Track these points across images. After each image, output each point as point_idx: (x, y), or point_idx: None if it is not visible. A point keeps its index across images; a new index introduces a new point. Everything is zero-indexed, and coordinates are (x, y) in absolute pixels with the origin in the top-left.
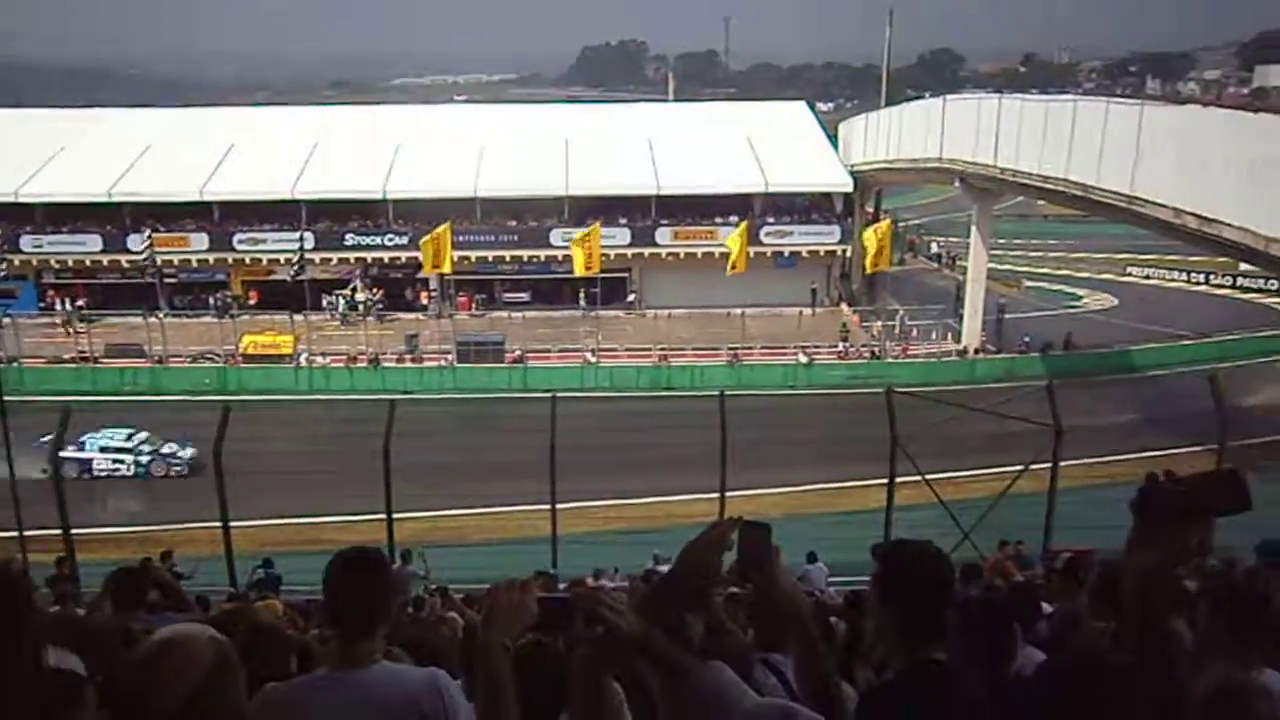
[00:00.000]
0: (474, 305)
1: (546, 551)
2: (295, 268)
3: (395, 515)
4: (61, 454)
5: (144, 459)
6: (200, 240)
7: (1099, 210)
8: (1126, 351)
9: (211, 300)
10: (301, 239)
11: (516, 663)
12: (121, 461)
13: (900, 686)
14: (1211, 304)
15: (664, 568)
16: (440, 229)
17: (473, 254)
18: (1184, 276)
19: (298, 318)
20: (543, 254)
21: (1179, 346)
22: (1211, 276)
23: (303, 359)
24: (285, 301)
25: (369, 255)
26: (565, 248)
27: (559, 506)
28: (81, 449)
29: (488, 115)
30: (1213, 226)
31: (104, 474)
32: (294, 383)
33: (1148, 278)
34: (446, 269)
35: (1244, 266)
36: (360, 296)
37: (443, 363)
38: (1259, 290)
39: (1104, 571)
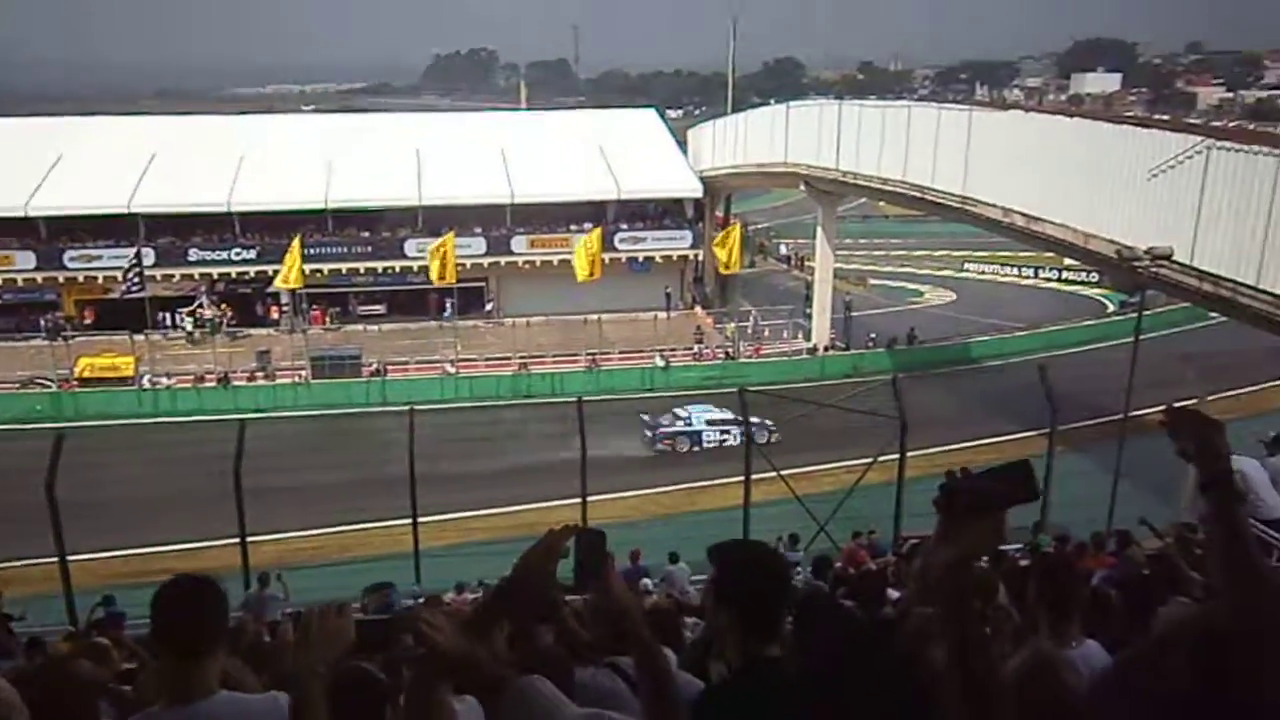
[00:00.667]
0: (328, 319)
1: (409, 567)
2: (126, 285)
3: (251, 538)
4: None
5: None
6: (26, 259)
7: (936, 210)
8: (965, 344)
9: (42, 322)
10: (138, 255)
11: (333, 687)
12: None
13: (733, 686)
14: (1041, 297)
15: None
16: (292, 244)
17: (325, 266)
18: (1016, 271)
19: (139, 337)
20: (398, 265)
21: (1012, 338)
22: (1040, 271)
23: (145, 380)
24: (125, 321)
25: (215, 270)
26: (421, 258)
27: (421, 520)
28: None
29: (336, 124)
30: (1037, 224)
31: None
32: (137, 406)
33: (983, 273)
34: (297, 283)
35: (1068, 261)
36: (208, 313)
37: (297, 379)
38: (1082, 283)
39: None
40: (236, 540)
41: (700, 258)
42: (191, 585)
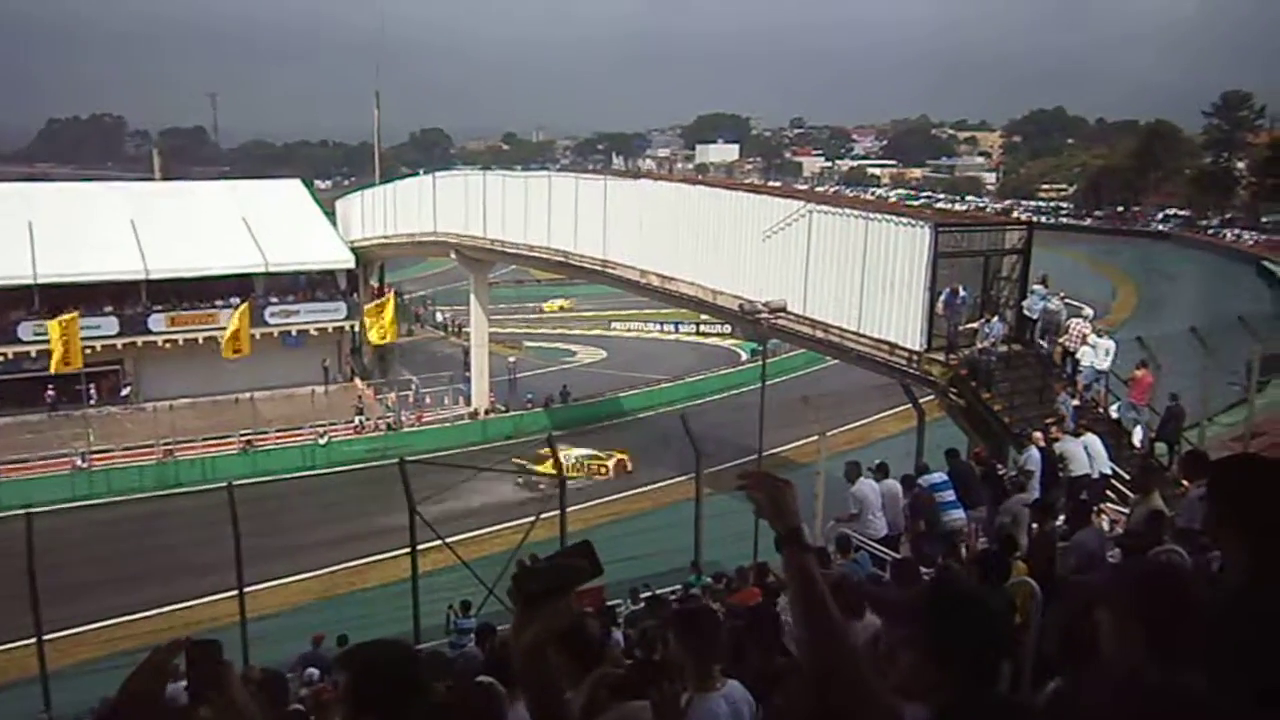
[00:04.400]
0: None
1: (36, 692)
2: None
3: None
4: None
5: None
6: None
7: (580, 274)
8: (616, 398)
9: None
10: None
11: None
12: None
13: None
14: (682, 350)
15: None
16: None
17: None
18: (658, 327)
19: None
20: (10, 351)
21: (659, 389)
22: (680, 326)
23: None
24: None
25: None
26: (39, 342)
27: (49, 637)
28: None
29: None
30: (671, 284)
31: None
32: None
33: (629, 331)
34: None
35: (703, 315)
36: None
37: None
38: (718, 335)
39: None
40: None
41: (356, 329)
42: None
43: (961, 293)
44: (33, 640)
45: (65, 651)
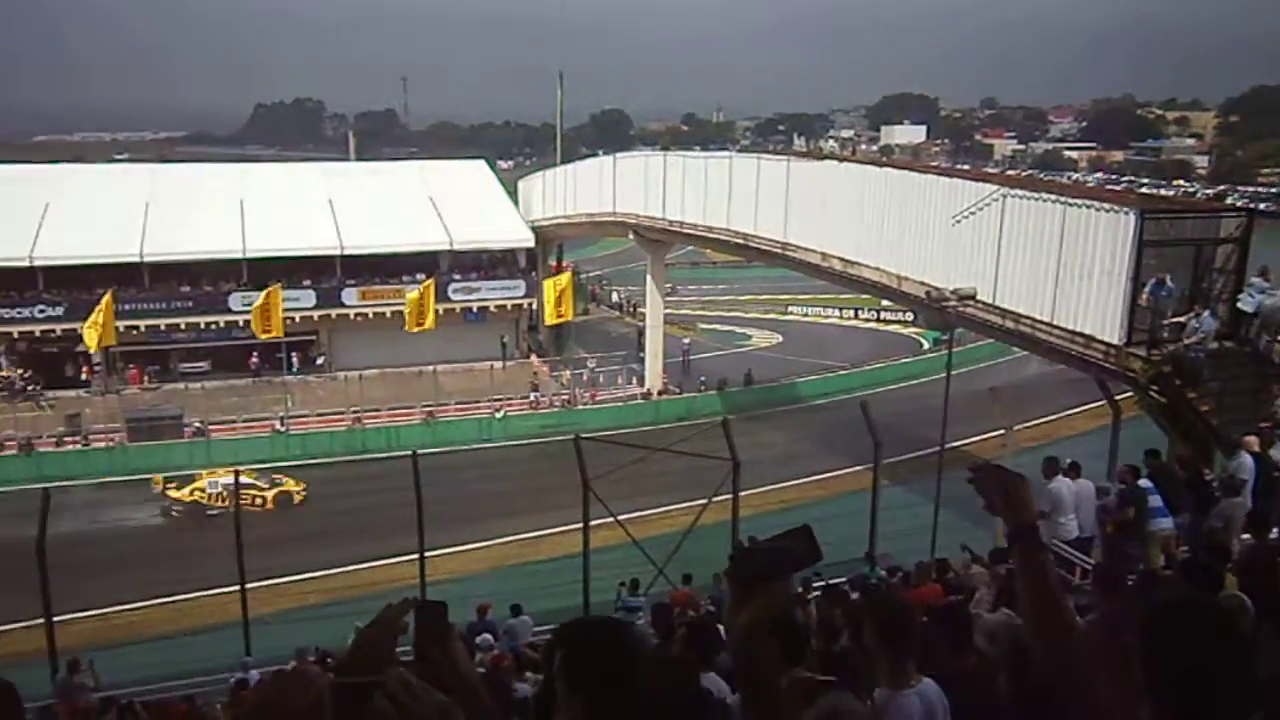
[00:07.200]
0: (146, 378)
1: (239, 638)
2: None
3: (58, 618)
4: None
5: None
6: None
7: (759, 256)
8: (793, 384)
9: None
10: None
11: None
12: None
13: None
14: (860, 336)
15: None
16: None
17: (141, 323)
18: (837, 313)
19: None
20: (222, 320)
21: (836, 376)
22: (859, 311)
23: None
24: None
25: (15, 329)
26: (246, 312)
27: (251, 586)
28: None
29: (152, 174)
30: (854, 268)
31: None
32: None
33: (806, 316)
34: (109, 341)
35: (885, 302)
36: (9, 375)
37: (111, 443)
38: (899, 322)
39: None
40: (42, 621)
41: (534, 306)
42: None
43: (1169, 284)
44: (237, 588)
45: (263, 601)
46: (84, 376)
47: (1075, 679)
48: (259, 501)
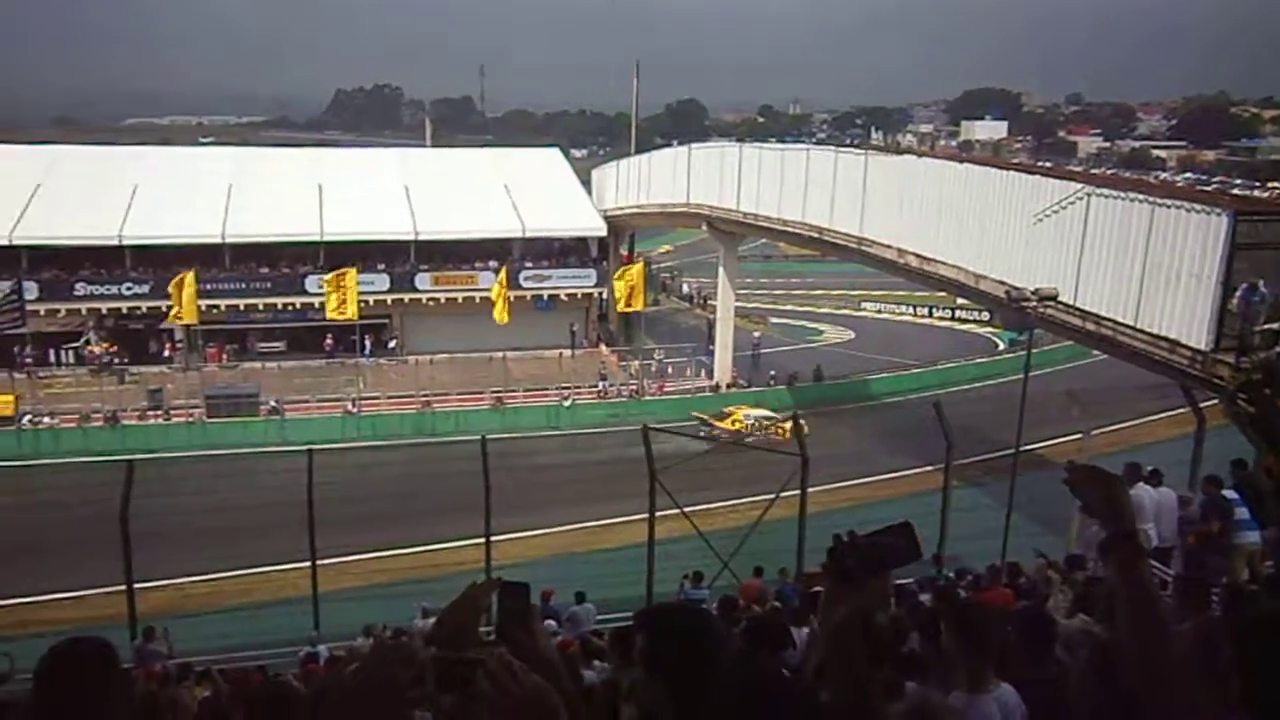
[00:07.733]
0: (224, 356)
1: (308, 612)
2: (5, 320)
3: (138, 585)
4: None
5: None
6: None
7: (834, 251)
8: (864, 380)
9: None
10: (18, 288)
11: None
12: None
13: None
14: (935, 335)
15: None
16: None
17: (222, 302)
18: (911, 310)
19: (19, 375)
20: (298, 301)
21: (909, 375)
22: (934, 310)
23: (25, 420)
24: (3, 358)
25: (104, 305)
26: (322, 294)
27: (320, 563)
28: None
29: (236, 157)
30: (931, 265)
31: None
32: (16, 446)
33: (879, 312)
34: (192, 318)
35: (960, 300)
36: (95, 350)
37: (191, 418)
38: (974, 321)
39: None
40: (123, 587)
41: (604, 296)
42: (73, 657)
43: (1261, 289)
44: (307, 564)
45: (331, 578)
46: (166, 353)
47: (1170, 691)
48: (779, 432)
